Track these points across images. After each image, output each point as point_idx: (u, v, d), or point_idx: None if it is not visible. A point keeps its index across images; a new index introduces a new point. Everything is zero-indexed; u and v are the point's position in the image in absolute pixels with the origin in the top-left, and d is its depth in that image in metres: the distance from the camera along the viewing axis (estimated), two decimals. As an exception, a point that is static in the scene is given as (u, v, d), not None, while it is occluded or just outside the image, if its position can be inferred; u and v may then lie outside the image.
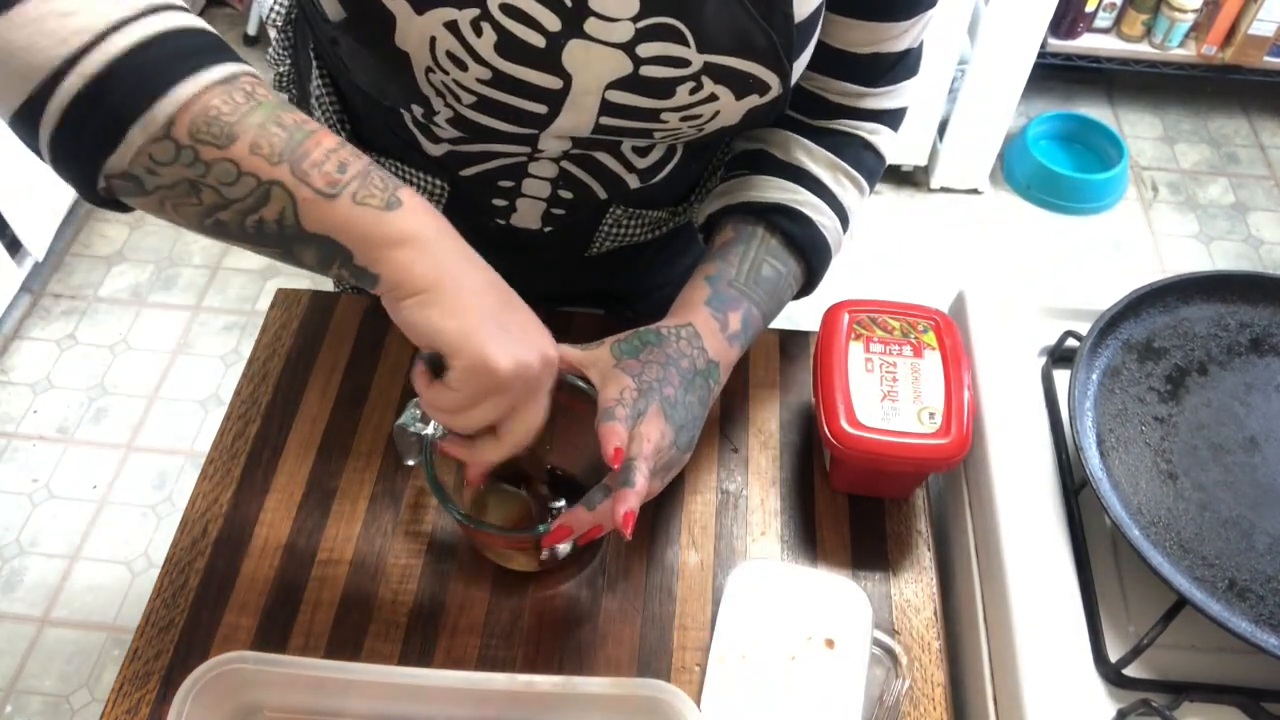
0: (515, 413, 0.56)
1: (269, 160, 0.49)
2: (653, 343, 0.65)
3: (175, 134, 0.48)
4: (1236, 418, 0.72)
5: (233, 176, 0.49)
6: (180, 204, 0.50)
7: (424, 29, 0.57)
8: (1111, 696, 0.64)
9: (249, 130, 0.49)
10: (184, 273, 2.15)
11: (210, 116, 0.48)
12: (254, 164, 0.49)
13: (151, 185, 0.50)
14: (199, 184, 0.49)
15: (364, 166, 0.51)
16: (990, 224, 2.36)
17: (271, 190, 0.49)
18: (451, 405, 0.54)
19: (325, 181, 0.50)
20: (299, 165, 0.49)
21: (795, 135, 0.73)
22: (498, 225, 0.77)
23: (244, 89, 0.50)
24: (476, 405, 0.54)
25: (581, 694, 0.61)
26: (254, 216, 0.50)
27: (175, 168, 0.49)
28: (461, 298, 0.52)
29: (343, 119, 0.76)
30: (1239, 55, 2.38)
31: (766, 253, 0.71)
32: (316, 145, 0.50)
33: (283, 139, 0.49)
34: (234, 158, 0.49)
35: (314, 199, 0.50)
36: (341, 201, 0.50)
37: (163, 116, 0.47)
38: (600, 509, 0.60)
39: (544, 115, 0.63)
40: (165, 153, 0.48)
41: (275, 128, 0.49)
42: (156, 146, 0.48)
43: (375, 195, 0.51)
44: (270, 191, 0.49)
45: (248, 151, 0.49)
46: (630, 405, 0.61)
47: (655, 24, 0.58)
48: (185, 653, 0.68)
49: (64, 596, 1.69)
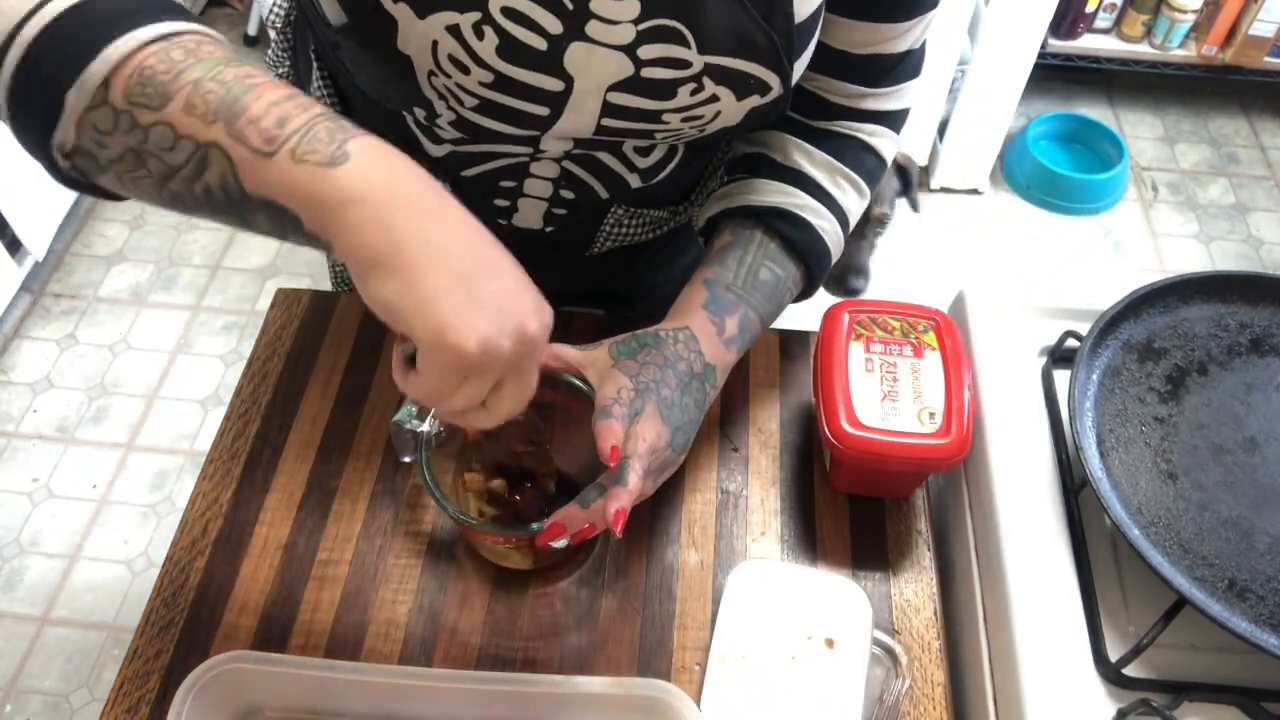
0: (500, 388, 0.50)
1: (204, 120, 0.45)
2: (650, 345, 0.65)
3: (112, 98, 0.45)
4: (1236, 418, 0.72)
5: (170, 140, 0.45)
6: (134, 176, 0.47)
7: (426, 33, 0.57)
8: (1111, 696, 0.64)
9: (184, 89, 0.45)
10: (184, 273, 2.15)
11: (145, 77, 0.45)
12: (190, 125, 0.45)
13: (104, 160, 0.47)
14: (142, 152, 0.46)
15: (308, 119, 0.46)
16: (990, 224, 2.36)
17: (210, 153, 0.45)
18: (424, 392, 0.49)
19: (262, 139, 0.45)
20: (235, 123, 0.45)
21: (794, 138, 0.73)
22: (499, 225, 0.77)
23: (184, 46, 0.46)
24: (451, 388, 0.48)
25: (581, 694, 0.61)
26: (200, 183, 0.46)
27: (117, 136, 0.46)
28: (420, 264, 0.45)
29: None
30: (1239, 56, 2.38)
31: (764, 256, 0.71)
32: (257, 99, 0.45)
33: (219, 95, 0.45)
34: (169, 120, 0.45)
35: (251, 159, 0.45)
36: (279, 160, 0.44)
37: (96, 78, 0.45)
38: (594, 508, 0.60)
39: (546, 117, 0.63)
40: (105, 120, 0.46)
41: (212, 84, 0.45)
42: (96, 114, 0.45)
43: (318, 150, 0.45)
44: (208, 154, 0.45)
45: (182, 112, 0.45)
46: (627, 405, 0.61)
47: (656, 26, 0.58)
48: (185, 653, 0.68)
49: (64, 596, 1.69)
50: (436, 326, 0.45)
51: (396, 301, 0.45)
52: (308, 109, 0.46)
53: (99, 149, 0.47)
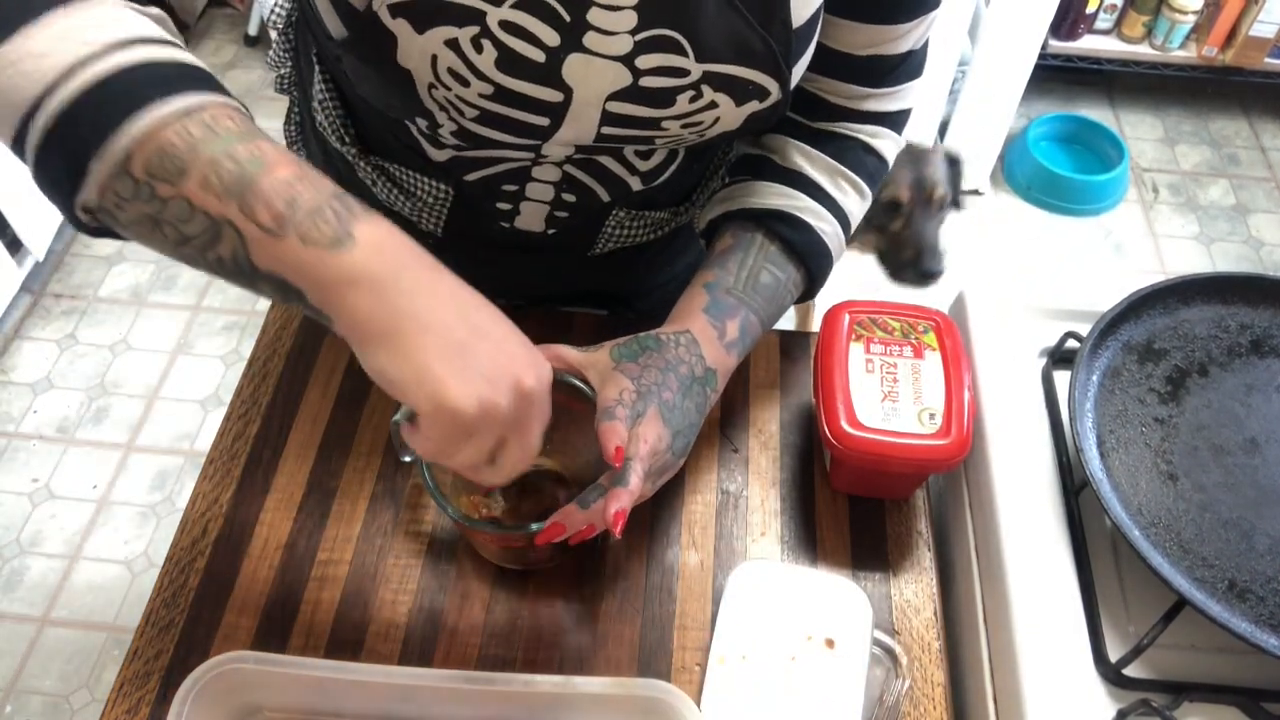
0: (505, 444, 0.52)
1: (218, 196, 0.47)
2: (652, 348, 0.65)
3: (132, 169, 0.48)
4: (1237, 419, 0.72)
5: (186, 214, 0.48)
6: (149, 237, 0.50)
7: (425, 47, 0.58)
8: (1111, 696, 0.64)
9: (200, 165, 0.47)
10: (184, 273, 2.15)
11: (164, 152, 0.47)
12: (205, 200, 0.47)
13: (123, 220, 0.50)
14: (159, 220, 0.49)
15: (317, 200, 0.48)
16: (990, 224, 2.36)
17: (222, 228, 0.48)
18: (430, 452, 0.51)
19: (272, 218, 0.47)
20: (247, 201, 0.47)
21: (795, 140, 0.73)
22: (501, 229, 0.77)
23: (203, 121, 0.48)
24: (455, 449, 0.51)
25: (581, 694, 0.61)
26: (212, 253, 0.49)
27: (136, 204, 0.48)
28: (416, 338, 0.48)
29: (346, 124, 0.76)
30: (1240, 57, 2.38)
31: (765, 259, 0.71)
32: (269, 177, 0.48)
33: (233, 173, 0.47)
34: (186, 194, 0.48)
35: (261, 237, 0.47)
36: (289, 240, 0.47)
37: (119, 151, 0.47)
38: (594, 508, 0.60)
39: (546, 127, 0.64)
40: (125, 188, 0.48)
41: (228, 161, 0.48)
42: (117, 182, 0.48)
43: (324, 233, 0.47)
44: (221, 230, 0.48)
45: (199, 187, 0.47)
46: (629, 406, 0.61)
47: (654, 36, 0.58)
48: (185, 653, 0.68)
49: (64, 596, 1.69)
50: (433, 395, 0.48)
51: (394, 373, 0.48)
52: (318, 189, 0.49)
53: (119, 211, 0.49)
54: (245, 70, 2.60)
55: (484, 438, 0.51)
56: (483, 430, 0.50)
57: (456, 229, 0.79)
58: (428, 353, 0.48)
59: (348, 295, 0.48)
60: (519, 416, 0.51)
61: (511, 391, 0.50)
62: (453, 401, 0.48)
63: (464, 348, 0.49)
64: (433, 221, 0.79)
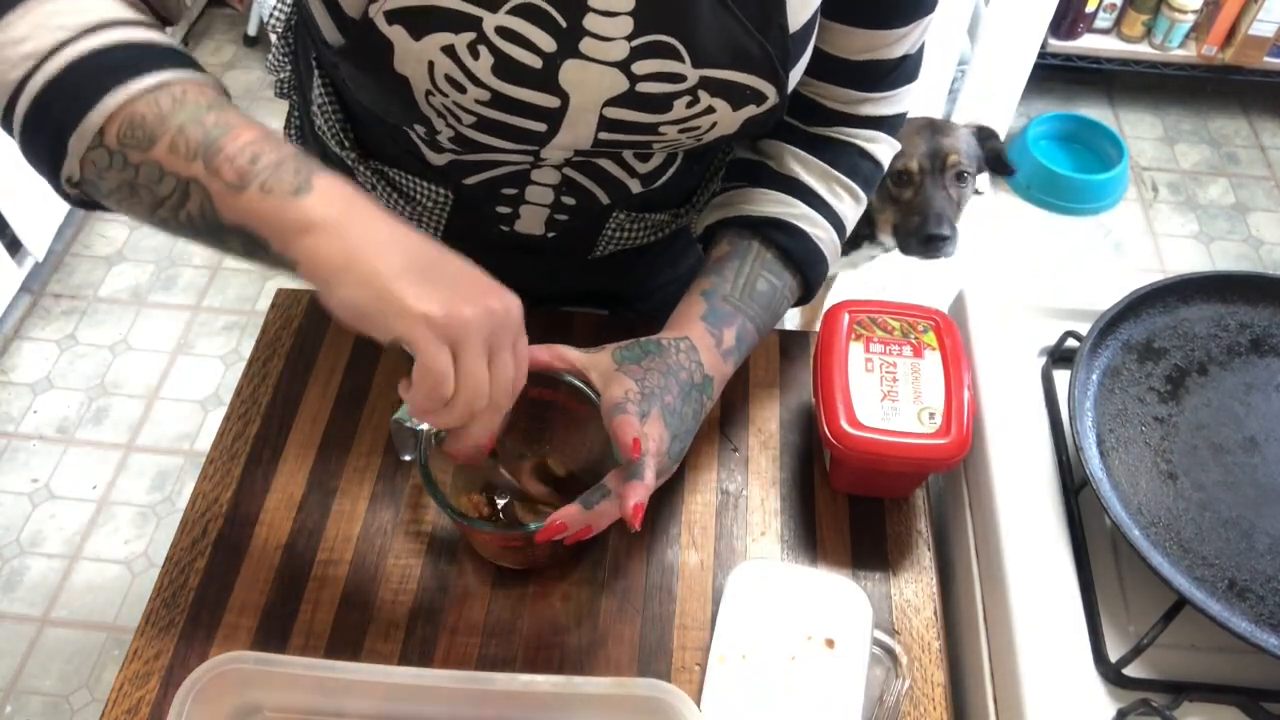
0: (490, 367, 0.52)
1: (185, 158, 0.51)
2: (654, 352, 0.65)
3: (106, 142, 0.51)
4: (1236, 418, 0.72)
5: (157, 176, 0.52)
6: (128, 203, 0.54)
7: (421, 54, 0.58)
8: (1111, 696, 0.64)
9: (169, 132, 0.51)
10: (184, 273, 2.15)
11: (134, 122, 0.51)
12: (173, 163, 0.51)
13: (103, 189, 0.54)
14: (134, 185, 0.52)
15: (279, 156, 0.51)
16: (990, 224, 2.36)
17: (190, 186, 0.51)
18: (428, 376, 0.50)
19: (235, 174, 0.50)
20: (212, 160, 0.51)
21: (790, 146, 0.73)
22: (501, 232, 0.77)
23: (172, 94, 0.52)
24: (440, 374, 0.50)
25: (581, 694, 0.61)
26: (182, 211, 0.52)
27: (113, 172, 0.52)
28: (374, 262, 0.50)
29: (345, 128, 0.76)
30: (1239, 56, 2.38)
31: (761, 267, 0.72)
32: (233, 140, 0.51)
33: (199, 137, 0.51)
34: (156, 158, 0.51)
35: (225, 191, 0.51)
36: (250, 192, 0.50)
37: (93, 127, 0.51)
38: (597, 509, 0.60)
39: (543, 133, 0.64)
40: (102, 159, 0.52)
41: (194, 127, 0.51)
42: (93, 154, 0.52)
43: (285, 182, 0.51)
44: (189, 187, 0.51)
45: (167, 151, 0.51)
46: (636, 404, 0.61)
47: (650, 41, 0.58)
48: (185, 653, 0.68)
49: (64, 596, 1.69)
50: (402, 307, 0.49)
51: (359, 299, 0.50)
52: (279, 148, 0.52)
53: (99, 180, 0.53)
54: (245, 70, 2.60)
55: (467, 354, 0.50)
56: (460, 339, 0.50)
57: (456, 232, 0.79)
58: (386, 274, 0.49)
59: (306, 238, 0.50)
60: (489, 334, 0.51)
61: (477, 305, 0.51)
62: (420, 307, 0.49)
63: (424, 268, 0.51)
64: (433, 225, 0.79)
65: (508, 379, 0.53)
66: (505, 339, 0.53)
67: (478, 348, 0.51)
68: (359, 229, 0.51)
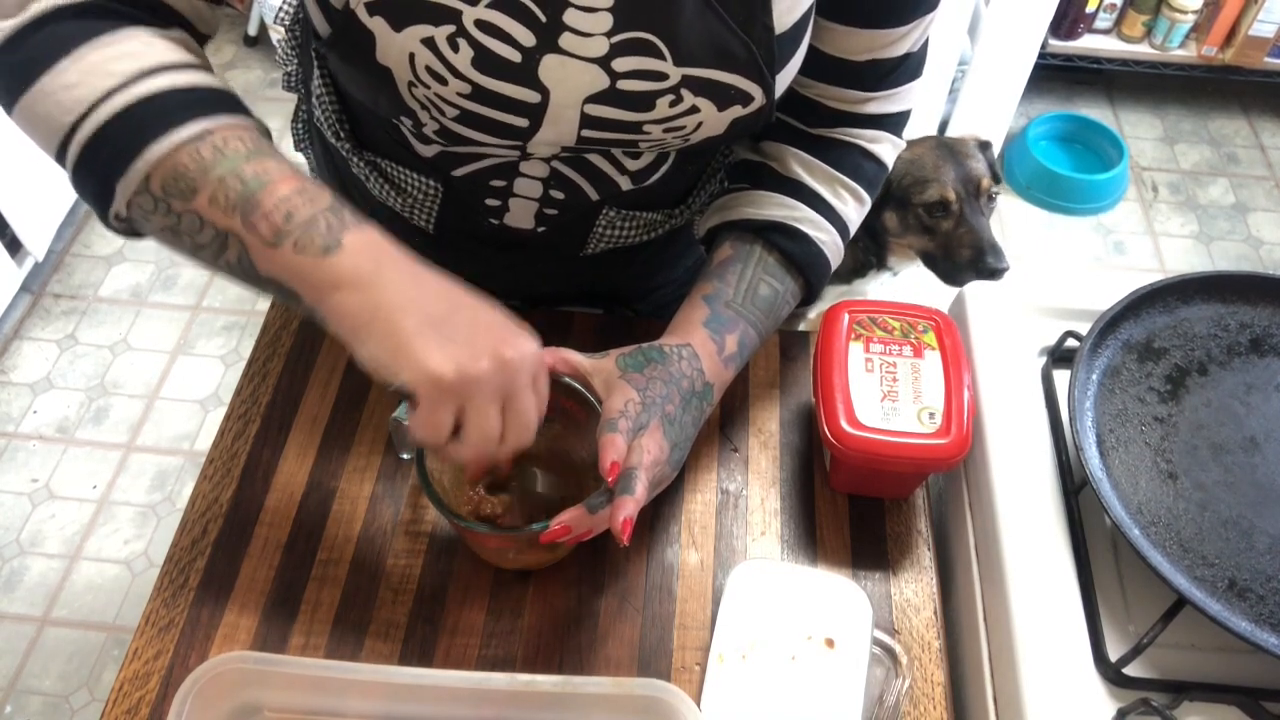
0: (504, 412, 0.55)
1: (225, 211, 0.54)
2: (657, 360, 0.65)
3: (151, 189, 0.54)
4: (1236, 418, 0.72)
5: (198, 225, 0.55)
6: (172, 244, 0.57)
7: (403, 46, 0.58)
8: (1111, 696, 0.64)
9: (209, 185, 0.54)
10: (184, 273, 2.15)
11: (177, 173, 0.54)
12: (213, 214, 0.54)
13: (149, 229, 0.58)
14: (177, 230, 0.55)
15: (312, 213, 0.54)
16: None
17: (229, 238, 0.54)
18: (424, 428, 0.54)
19: (270, 230, 0.53)
20: (249, 216, 0.53)
21: (793, 149, 0.73)
22: (491, 225, 0.77)
23: (213, 144, 0.54)
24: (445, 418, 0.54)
25: (581, 694, 0.61)
26: (221, 259, 0.55)
27: (157, 217, 0.55)
28: (394, 320, 0.53)
29: (342, 119, 0.77)
30: (1239, 56, 2.38)
31: (764, 271, 0.71)
32: (270, 195, 0.54)
33: (238, 191, 0.53)
34: (197, 209, 0.54)
35: (260, 245, 0.54)
36: (283, 249, 0.53)
37: (138, 175, 0.54)
38: (601, 514, 0.60)
39: (525, 128, 0.64)
40: (147, 204, 0.55)
41: (234, 181, 0.54)
42: (139, 199, 0.55)
43: (316, 241, 0.53)
44: (227, 239, 0.54)
45: (207, 203, 0.54)
46: (633, 418, 0.61)
47: (630, 39, 0.58)
48: (185, 653, 0.68)
49: (64, 596, 1.69)
50: (416, 365, 0.52)
51: (380, 354, 0.53)
52: (313, 202, 0.54)
53: (145, 221, 0.57)
54: (245, 70, 2.60)
55: (475, 405, 0.53)
56: (469, 396, 0.53)
57: (447, 225, 0.79)
58: (406, 331, 0.52)
59: (335, 296, 0.53)
60: (503, 383, 0.54)
61: (491, 358, 0.53)
62: (432, 367, 0.51)
63: (441, 322, 0.53)
64: (424, 218, 0.79)
65: (523, 422, 0.56)
66: (520, 383, 0.55)
67: (488, 399, 0.54)
68: (384, 286, 0.53)
